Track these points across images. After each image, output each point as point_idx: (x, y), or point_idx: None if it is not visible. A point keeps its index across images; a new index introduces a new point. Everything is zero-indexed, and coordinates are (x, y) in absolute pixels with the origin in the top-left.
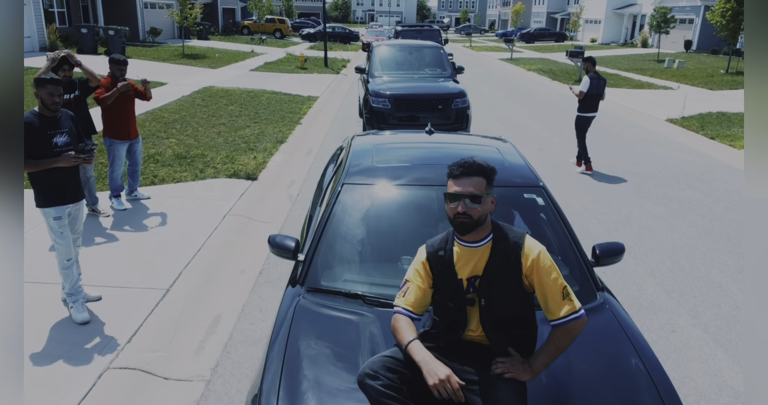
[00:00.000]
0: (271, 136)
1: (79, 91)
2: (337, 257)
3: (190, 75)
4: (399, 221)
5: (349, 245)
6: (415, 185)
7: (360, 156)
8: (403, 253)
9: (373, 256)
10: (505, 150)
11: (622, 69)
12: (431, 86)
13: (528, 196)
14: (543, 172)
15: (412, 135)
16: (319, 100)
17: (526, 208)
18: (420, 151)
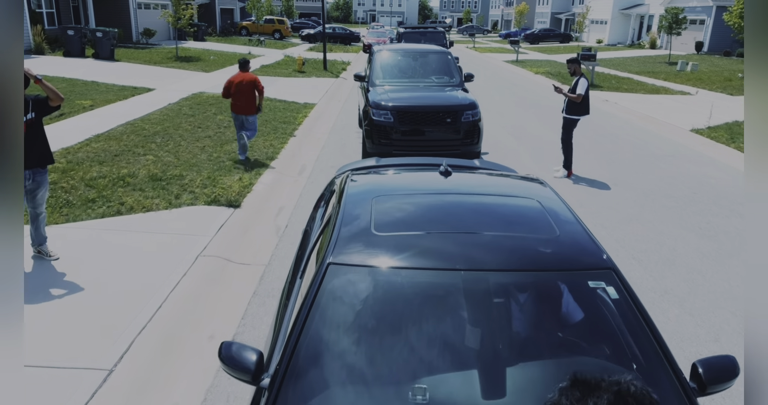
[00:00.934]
0: (260, 152)
1: (34, 113)
2: (321, 383)
3: (181, 79)
4: (408, 325)
5: (338, 362)
6: (431, 269)
7: (354, 212)
8: (415, 376)
9: (372, 381)
10: (548, 202)
11: (633, 72)
12: (438, 97)
13: (593, 284)
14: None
15: (424, 176)
16: (316, 107)
17: (589, 307)
18: (435, 205)
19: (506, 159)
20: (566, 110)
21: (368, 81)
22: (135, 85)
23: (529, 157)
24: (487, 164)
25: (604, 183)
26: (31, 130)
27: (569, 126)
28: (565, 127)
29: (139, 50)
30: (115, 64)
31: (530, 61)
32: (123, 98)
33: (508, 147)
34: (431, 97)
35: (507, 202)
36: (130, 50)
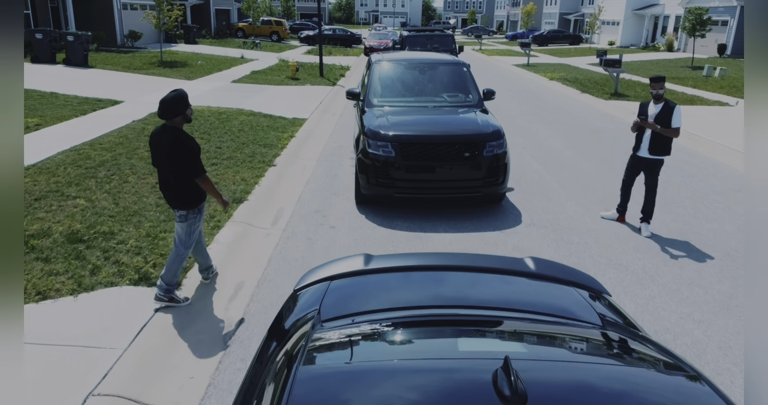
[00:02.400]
0: (227, 190)
1: None
2: None
3: (158, 89)
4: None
5: None
6: None
7: None
8: None
9: None
10: None
11: None
12: (453, 122)
13: None
14: (630, 259)
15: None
16: (306, 123)
17: None
18: None
19: (536, 194)
20: (652, 148)
21: (364, 100)
22: (100, 97)
23: (564, 192)
24: (546, 267)
25: (670, 238)
26: None
27: (656, 169)
28: (651, 169)
29: (121, 55)
30: (86, 72)
31: (542, 64)
32: (80, 114)
33: (535, 178)
34: (444, 123)
35: None
36: (111, 55)
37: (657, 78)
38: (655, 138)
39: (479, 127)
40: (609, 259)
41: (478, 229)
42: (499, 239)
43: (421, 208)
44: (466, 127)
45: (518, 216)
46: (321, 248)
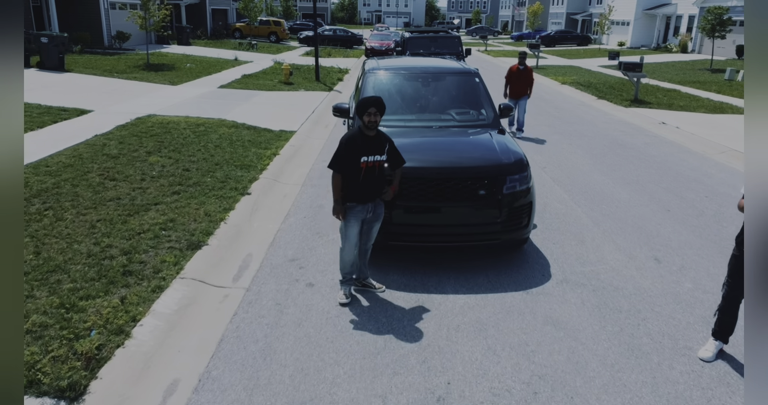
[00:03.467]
0: (184, 232)
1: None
2: None
3: (136, 96)
4: None
5: None
6: None
7: None
8: None
9: None
10: None
11: (675, 81)
12: (463, 149)
13: None
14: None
15: None
16: (293, 137)
17: None
18: None
19: (565, 234)
20: None
21: (354, 118)
22: (66, 106)
23: (599, 231)
24: None
25: None
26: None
27: None
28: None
29: (106, 57)
30: (60, 76)
31: (551, 67)
32: (37, 127)
33: (561, 210)
34: (452, 151)
35: None
36: (95, 57)
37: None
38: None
39: (497, 156)
40: (674, 339)
41: (496, 288)
42: (525, 305)
43: (422, 258)
44: (481, 156)
45: (545, 267)
46: (291, 320)
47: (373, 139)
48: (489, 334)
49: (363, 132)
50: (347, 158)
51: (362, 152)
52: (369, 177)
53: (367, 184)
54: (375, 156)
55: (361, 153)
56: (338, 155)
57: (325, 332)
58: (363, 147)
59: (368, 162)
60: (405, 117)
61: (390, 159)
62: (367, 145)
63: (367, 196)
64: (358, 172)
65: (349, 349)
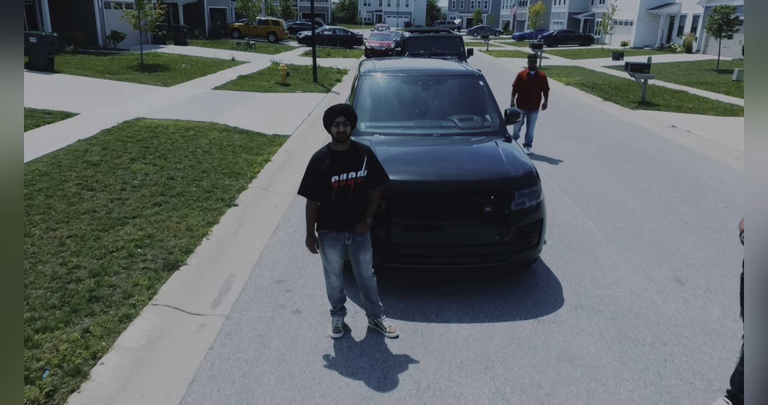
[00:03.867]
0: (161, 250)
1: (369, 170)
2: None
3: (126, 98)
4: None
5: None
6: None
7: None
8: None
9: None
10: None
11: (681, 82)
12: (467, 160)
13: None
14: None
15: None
16: (287, 142)
17: None
18: None
19: (577, 251)
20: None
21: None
22: (51, 109)
23: (614, 247)
24: None
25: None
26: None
27: None
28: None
29: (99, 57)
30: (49, 78)
31: (554, 67)
32: None
33: (571, 222)
34: (455, 162)
35: None
36: (88, 57)
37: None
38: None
39: (504, 168)
40: (707, 379)
41: (503, 316)
42: (537, 337)
43: (421, 279)
44: (487, 169)
45: (557, 290)
46: (274, 356)
47: (346, 153)
48: (497, 373)
49: (333, 147)
50: (317, 180)
51: (333, 170)
52: (342, 199)
53: (340, 208)
54: (349, 173)
55: (331, 172)
56: (306, 178)
57: (311, 371)
58: (334, 164)
59: (340, 181)
60: (403, 124)
61: (370, 175)
62: (339, 161)
63: (341, 222)
64: (329, 194)
65: (338, 392)
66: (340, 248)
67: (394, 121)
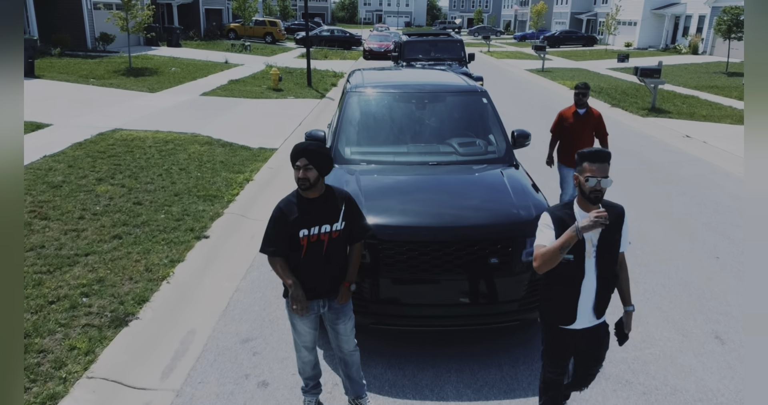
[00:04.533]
0: (111, 298)
1: (345, 222)
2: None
3: (107, 106)
4: None
5: None
6: None
7: None
8: None
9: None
10: None
11: (690, 86)
12: (469, 198)
13: None
14: None
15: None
16: (273, 157)
17: None
18: None
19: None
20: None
21: (331, 151)
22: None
23: (637, 290)
24: None
25: None
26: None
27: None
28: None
29: (86, 60)
30: (27, 84)
31: (557, 69)
32: None
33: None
34: (454, 200)
35: None
36: (74, 61)
37: None
38: None
39: (513, 209)
40: None
41: (512, 388)
42: None
43: (414, 341)
44: (492, 209)
45: None
46: None
47: (318, 202)
48: None
49: (302, 194)
50: (282, 235)
51: (302, 223)
52: (314, 258)
53: (312, 269)
54: (322, 226)
55: (300, 224)
56: (269, 233)
57: None
58: (303, 215)
59: (311, 236)
60: (394, 149)
61: (347, 228)
62: (310, 211)
63: (313, 287)
64: (298, 252)
65: None
66: (312, 318)
67: (384, 145)
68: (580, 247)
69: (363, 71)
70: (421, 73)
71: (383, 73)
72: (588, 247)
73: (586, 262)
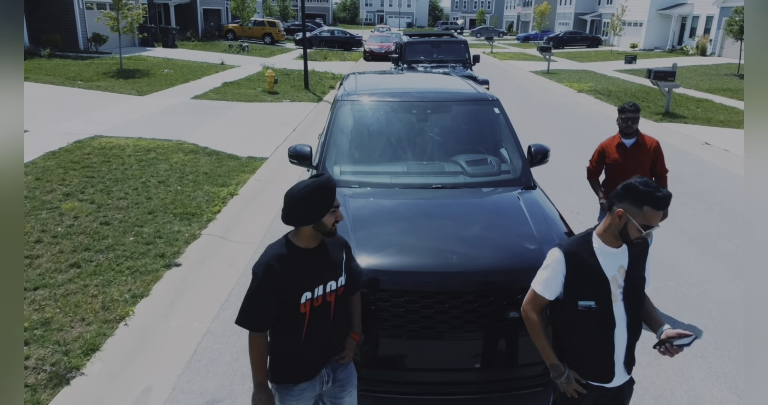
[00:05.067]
0: (55, 347)
1: (347, 277)
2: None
3: (91, 110)
4: None
5: None
6: None
7: None
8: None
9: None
10: None
11: (702, 89)
12: (481, 230)
13: None
14: None
15: None
16: (263, 167)
17: None
18: None
19: (640, 362)
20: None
21: (318, 170)
22: None
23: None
24: None
25: None
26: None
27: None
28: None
29: (76, 62)
30: None
31: (563, 71)
32: None
33: None
34: (462, 237)
35: None
36: (63, 62)
37: None
38: None
39: (537, 247)
40: None
41: None
42: None
43: None
44: (510, 248)
45: None
46: None
47: (316, 252)
48: None
49: (296, 243)
50: (273, 303)
51: (304, 283)
52: (320, 326)
53: (317, 340)
54: (328, 283)
55: (301, 286)
56: (251, 301)
57: None
58: (304, 274)
59: (315, 299)
60: (391, 169)
61: (348, 278)
62: (310, 266)
63: (318, 362)
64: (298, 322)
65: None
66: (311, 400)
67: (379, 164)
68: (605, 291)
69: (358, 76)
70: (422, 78)
71: (381, 78)
72: (614, 289)
73: (614, 307)
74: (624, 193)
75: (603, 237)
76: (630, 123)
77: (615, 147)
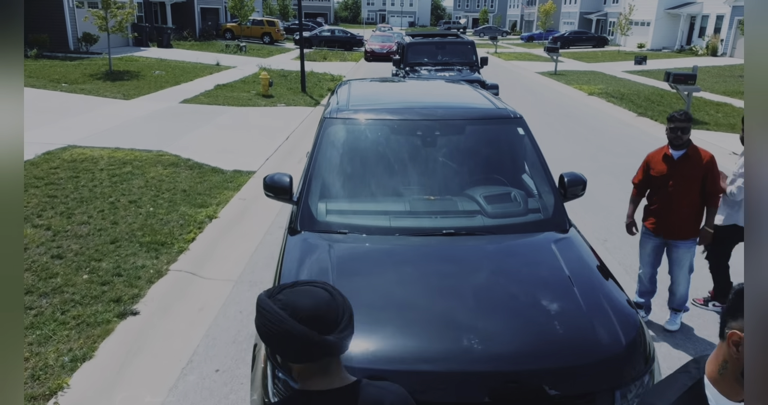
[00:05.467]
0: None
1: None
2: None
3: (69, 116)
4: None
5: None
6: None
7: None
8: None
9: None
10: None
11: (720, 92)
12: (507, 300)
13: None
14: None
15: None
16: (249, 182)
17: None
18: None
19: None
20: None
21: (300, 207)
22: None
23: None
24: None
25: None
26: None
27: None
28: None
29: (64, 63)
30: None
31: (570, 72)
32: None
33: (668, 354)
34: (487, 314)
35: None
36: (50, 63)
37: None
38: None
39: (589, 334)
40: None
41: None
42: None
43: None
44: (552, 339)
45: None
46: None
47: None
48: None
49: (303, 385)
50: None
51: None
52: None
53: None
54: None
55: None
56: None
57: None
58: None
59: None
60: (389, 207)
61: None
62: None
63: None
64: None
65: None
66: None
67: (375, 201)
68: None
69: (352, 85)
70: (428, 88)
71: (379, 88)
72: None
73: None
74: (739, 303)
75: (719, 384)
76: (680, 133)
77: (661, 158)
